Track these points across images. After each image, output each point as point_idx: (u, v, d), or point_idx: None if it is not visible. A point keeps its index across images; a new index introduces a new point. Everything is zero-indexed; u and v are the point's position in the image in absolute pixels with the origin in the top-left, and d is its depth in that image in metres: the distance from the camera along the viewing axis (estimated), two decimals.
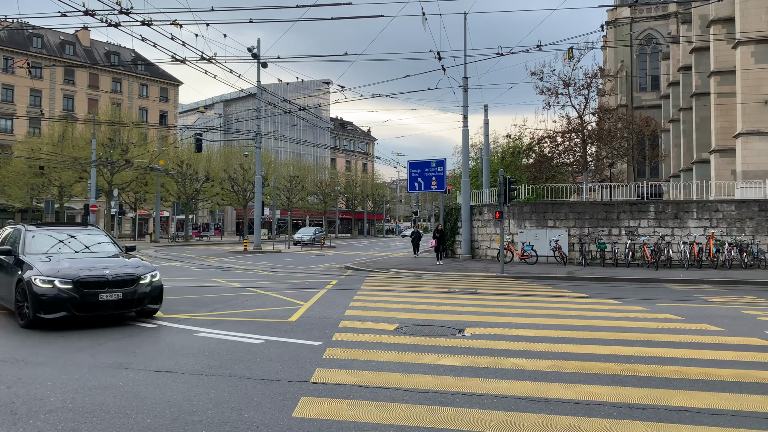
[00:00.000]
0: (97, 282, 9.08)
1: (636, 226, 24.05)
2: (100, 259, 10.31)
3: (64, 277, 8.94)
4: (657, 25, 62.68)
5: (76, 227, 12.67)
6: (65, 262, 9.60)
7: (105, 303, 9.11)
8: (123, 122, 53.03)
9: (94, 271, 9.28)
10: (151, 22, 16.98)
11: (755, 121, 31.06)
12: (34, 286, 8.83)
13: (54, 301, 8.81)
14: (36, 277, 8.92)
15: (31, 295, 8.82)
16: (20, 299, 9.18)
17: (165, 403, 5.40)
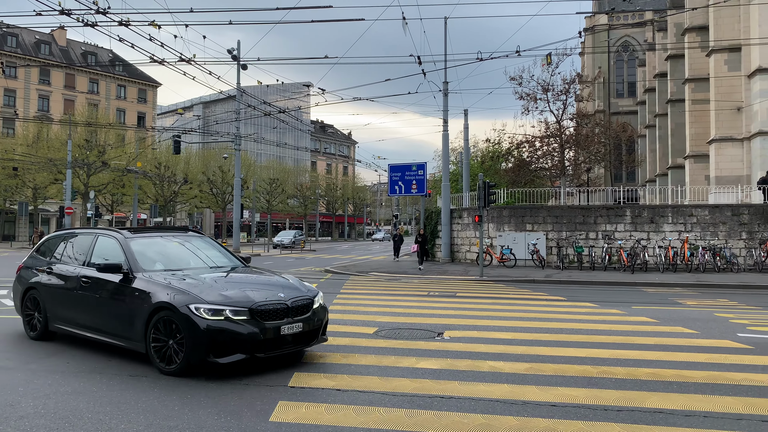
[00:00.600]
0: (276, 310, 6.70)
1: (613, 230, 24.37)
2: (250, 276, 7.82)
3: (236, 305, 6.50)
4: (634, 33, 63.72)
5: (174, 232, 9.33)
6: (219, 282, 7.16)
7: (285, 338, 6.72)
8: (100, 123, 52.29)
9: (268, 296, 6.85)
10: (129, 22, 16.80)
11: (728, 127, 31.72)
12: (198, 319, 6.32)
13: (230, 339, 6.34)
14: (200, 306, 6.40)
15: (194, 332, 6.32)
16: (161, 336, 6.57)
17: (140, 409, 5.33)
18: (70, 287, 7.90)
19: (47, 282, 8.30)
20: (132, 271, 7.24)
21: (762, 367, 7.00)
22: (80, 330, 7.71)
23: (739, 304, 13.29)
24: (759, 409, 5.36)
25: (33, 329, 8.47)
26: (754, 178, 28.29)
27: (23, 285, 8.77)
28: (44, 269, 8.50)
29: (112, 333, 7.25)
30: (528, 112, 35.05)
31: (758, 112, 29.59)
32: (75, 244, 8.58)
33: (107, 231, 8.37)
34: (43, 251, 9.00)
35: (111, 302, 7.34)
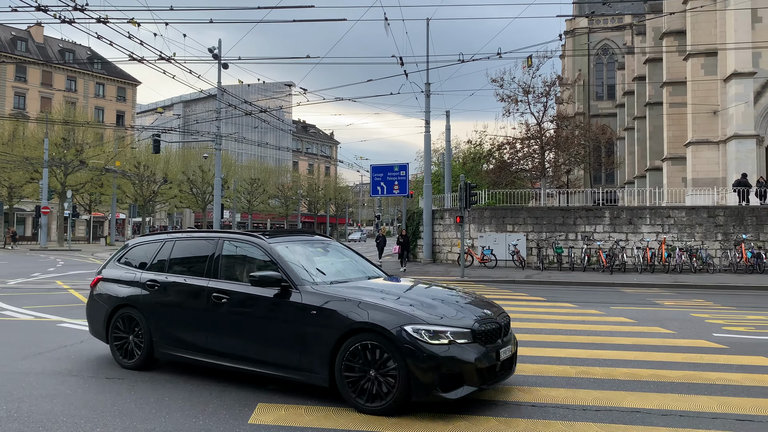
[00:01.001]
0: (493, 330, 5.59)
1: (592, 231, 24.62)
2: (433, 289, 6.47)
3: (457, 326, 5.32)
4: (613, 36, 64.51)
5: (302, 235, 7.60)
6: (410, 297, 5.85)
7: (503, 364, 5.60)
8: (77, 122, 51.51)
9: (476, 313, 5.69)
10: (108, 19, 16.56)
11: (704, 130, 32.25)
12: (421, 344, 5.05)
13: (458, 368, 5.10)
14: (419, 328, 5.14)
15: (415, 360, 5.02)
16: (357, 365, 5.25)
17: (116, 412, 5.26)
18: (195, 305, 6.35)
19: (154, 298, 6.70)
20: (294, 284, 5.82)
21: (736, 367, 7.11)
22: (210, 357, 6.19)
23: (715, 305, 13.51)
24: (733, 408, 5.44)
25: (128, 356, 6.80)
26: (730, 181, 28.81)
27: (109, 302, 7.07)
28: (144, 282, 6.85)
29: (266, 361, 5.79)
30: (509, 113, 35.32)
31: (734, 115, 30.13)
32: (187, 251, 6.97)
33: (237, 234, 6.80)
34: (132, 260, 7.34)
35: (265, 323, 5.86)
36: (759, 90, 30.22)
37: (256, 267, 6.27)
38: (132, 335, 6.81)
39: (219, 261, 6.50)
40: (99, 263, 27.85)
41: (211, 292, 6.26)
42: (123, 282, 7.10)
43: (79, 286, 16.78)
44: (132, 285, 6.97)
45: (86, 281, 18.37)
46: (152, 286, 6.78)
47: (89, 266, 25.53)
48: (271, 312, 5.85)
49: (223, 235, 6.79)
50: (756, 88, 30.12)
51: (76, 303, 12.86)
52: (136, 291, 6.88)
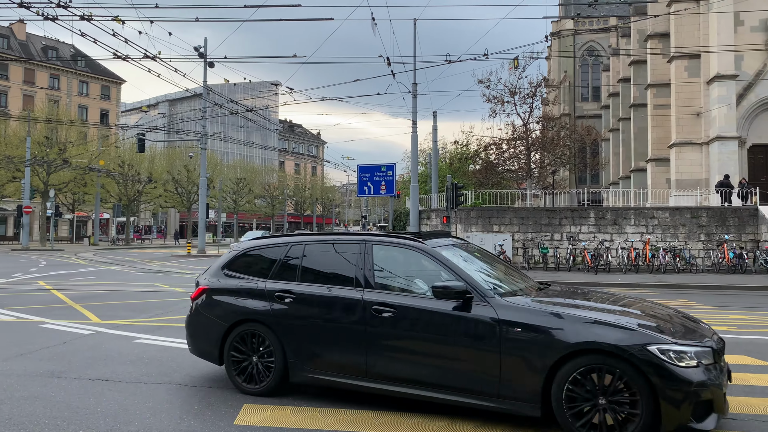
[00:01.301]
0: (722, 348, 4.94)
1: (577, 231, 24.80)
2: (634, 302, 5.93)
3: (699, 345, 4.62)
4: (599, 38, 65.03)
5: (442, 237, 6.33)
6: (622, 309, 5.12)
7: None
8: (61, 120, 50.91)
9: (706, 329, 5.14)
10: (92, 17, 16.39)
11: (688, 132, 32.62)
12: (672, 368, 4.35)
13: (709, 394, 4.44)
14: (666, 348, 4.43)
15: (667, 386, 4.31)
16: (580, 394, 4.52)
17: (99, 413, 5.20)
18: (348, 320, 5.43)
19: (288, 312, 5.71)
20: (481, 295, 5.01)
21: None
22: (369, 381, 5.31)
23: (698, 304, 13.66)
24: None
25: (252, 380, 5.79)
26: (712, 182, 29.16)
27: (225, 317, 6.00)
28: (274, 293, 5.83)
29: (449, 387, 4.98)
30: (495, 114, 35.52)
31: (716, 117, 30.51)
32: (324, 257, 6.01)
33: (388, 237, 5.88)
34: (247, 267, 6.28)
35: (447, 341, 5.01)
36: (741, 92, 30.62)
37: (420, 275, 5.53)
38: (256, 355, 5.79)
39: (371, 268, 5.58)
40: (82, 263, 27.56)
41: (369, 305, 5.35)
42: (241, 293, 6.02)
43: (62, 286, 16.58)
44: (255, 296, 5.93)
45: (69, 282, 18.15)
46: (283, 298, 5.78)
47: (72, 266, 25.25)
48: (454, 328, 4.99)
49: (370, 237, 5.87)
50: (738, 91, 30.52)
51: (58, 304, 12.71)
52: (263, 304, 5.86)
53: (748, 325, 10.60)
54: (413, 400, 5.23)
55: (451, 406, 5.19)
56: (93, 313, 11.12)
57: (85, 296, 14.10)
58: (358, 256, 5.68)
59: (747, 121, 30.99)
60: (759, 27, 30.68)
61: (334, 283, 5.69)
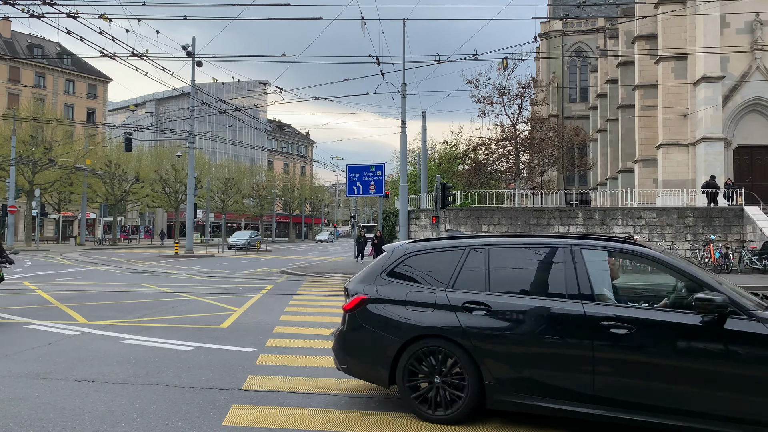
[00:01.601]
0: None
1: (565, 231, 24.93)
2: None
3: None
4: (587, 39, 65.39)
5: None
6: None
7: None
8: (46, 119, 50.37)
9: None
10: (78, 14, 16.22)
11: (675, 133, 32.88)
12: None
13: None
14: None
15: None
16: None
17: (86, 415, 5.13)
18: (565, 338, 4.74)
19: (482, 326, 4.96)
20: (744, 309, 4.39)
21: None
22: (599, 409, 4.58)
23: None
24: None
25: (437, 406, 5.03)
26: (699, 182, 29.42)
27: (399, 332, 5.21)
28: (461, 304, 5.09)
29: (718, 416, 4.30)
30: (484, 115, 35.62)
31: (703, 118, 30.78)
32: (518, 263, 5.33)
33: (597, 241, 5.27)
34: (417, 274, 5.50)
35: (707, 363, 4.39)
36: (727, 94, 30.91)
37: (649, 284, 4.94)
38: (438, 377, 5.03)
39: (585, 277, 4.89)
40: (68, 263, 27.28)
41: (595, 320, 4.65)
42: (415, 304, 5.26)
43: (48, 287, 16.40)
44: (434, 308, 5.17)
45: (55, 282, 17.95)
46: (472, 310, 5.06)
47: (58, 266, 24.99)
48: (714, 346, 4.40)
49: (575, 241, 5.15)
50: (724, 92, 30.80)
51: (44, 304, 12.57)
52: (447, 317, 5.10)
53: None
54: (398, 398, 5.21)
55: None
56: (79, 314, 11.01)
57: (72, 297, 13.95)
58: (564, 262, 5.00)
59: (733, 122, 31.30)
60: (744, 29, 31.00)
61: (537, 293, 5.02)
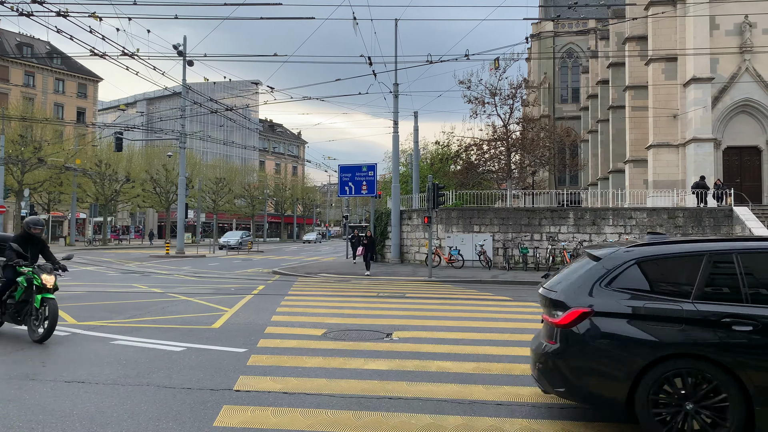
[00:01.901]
0: None
1: (556, 231, 25.01)
2: None
3: None
4: (578, 40, 65.67)
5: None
6: None
7: None
8: (36, 118, 49.97)
9: None
10: (68, 13, 16.11)
11: (665, 134, 33.08)
12: None
13: None
14: None
15: None
16: None
17: (75, 416, 5.10)
18: None
19: (748, 344, 4.42)
20: None
21: None
22: None
23: None
24: None
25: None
26: (689, 183, 29.62)
27: (639, 352, 4.59)
28: (719, 319, 4.51)
29: None
30: (476, 115, 35.74)
31: (693, 119, 30.99)
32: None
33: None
34: (646, 283, 4.83)
35: None
36: (716, 95, 31.14)
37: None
38: (691, 402, 4.42)
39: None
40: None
41: None
42: (656, 318, 4.65)
43: None
44: (682, 322, 4.56)
45: None
46: (733, 324, 4.47)
47: None
48: None
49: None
50: (714, 93, 31.03)
51: None
52: (701, 333, 4.52)
53: None
54: (394, 399, 5.21)
55: (435, 405, 5.18)
56: (69, 315, 10.93)
57: (61, 297, 13.81)
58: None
59: (722, 123, 31.54)
60: (734, 31, 31.25)
61: None
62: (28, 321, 8.37)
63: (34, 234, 8.90)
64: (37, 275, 8.38)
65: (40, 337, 8.16)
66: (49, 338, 8.18)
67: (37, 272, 8.43)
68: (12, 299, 8.65)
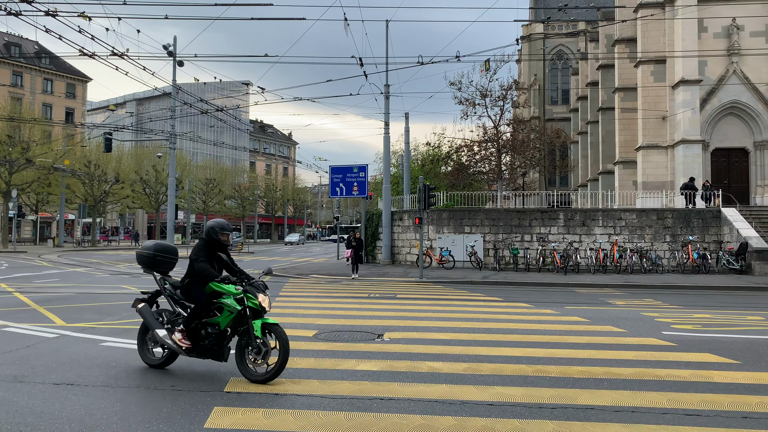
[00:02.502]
0: None
1: (547, 232, 25.12)
2: None
3: None
4: (568, 42, 66.00)
5: None
6: None
7: None
8: (24, 118, 49.52)
9: None
10: (57, 12, 15.99)
11: (654, 135, 33.30)
12: None
13: None
14: None
15: None
16: None
17: (65, 418, 5.06)
18: None
19: None
20: None
21: (684, 363, 7.35)
22: None
23: (664, 304, 13.96)
24: (682, 404, 5.62)
25: None
26: (677, 184, 29.83)
27: None
28: None
29: None
30: (467, 116, 35.77)
31: (681, 121, 31.22)
32: None
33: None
34: None
35: None
36: (705, 97, 31.39)
37: None
38: None
39: None
40: (46, 265, 26.85)
41: None
42: None
43: (25, 289, 16.13)
44: None
45: (33, 284, 17.69)
46: None
47: (36, 268, 24.58)
48: None
49: None
50: (702, 95, 31.28)
51: (21, 306, 12.36)
52: None
53: (712, 323, 10.87)
54: (386, 400, 5.21)
55: (426, 405, 5.19)
56: (58, 316, 10.84)
57: (50, 299, 13.74)
58: None
59: (710, 125, 31.79)
60: (721, 33, 31.52)
61: None
62: (243, 355, 6.35)
63: (222, 242, 6.91)
64: (252, 295, 6.43)
65: (267, 373, 6.18)
66: (280, 374, 6.22)
67: (251, 292, 6.47)
68: (212, 327, 6.54)
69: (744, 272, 21.98)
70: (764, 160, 31.55)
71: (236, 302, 6.37)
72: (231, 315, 6.39)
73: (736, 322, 11.14)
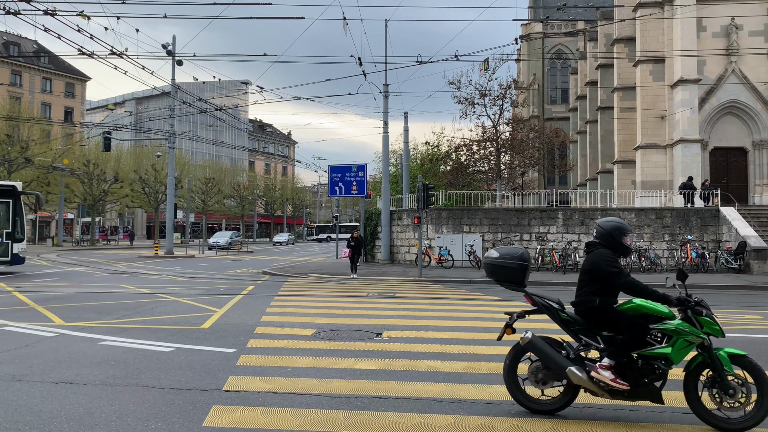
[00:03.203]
0: None
1: (546, 231, 25.14)
2: None
3: None
4: (567, 41, 66.02)
5: None
6: None
7: None
8: (23, 117, 49.50)
9: None
10: (56, 12, 15.99)
11: (653, 135, 33.34)
12: None
13: None
14: None
15: None
16: None
17: (63, 417, 5.07)
18: None
19: None
20: None
21: (682, 362, 7.35)
22: None
23: None
24: (680, 402, 5.61)
25: None
26: (676, 184, 29.87)
27: None
28: None
29: None
30: (466, 116, 35.79)
31: (680, 120, 31.25)
32: None
33: None
34: None
35: None
36: (703, 96, 31.42)
37: None
38: None
39: None
40: (45, 264, 26.86)
41: None
42: None
43: (24, 288, 16.13)
44: None
45: (31, 283, 17.70)
46: None
47: (34, 267, 24.58)
48: None
49: None
50: (701, 95, 31.31)
51: (20, 306, 12.36)
52: None
53: None
54: (384, 399, 5.22)
55: (424, 404, 5.20)
56: (56, 315, 10.85)
57: (49, 298, 13.74)
58: None
59: (709, 124, 31.83)
60: (720, 33, 31.55)
61: None
62: (721, 396, 4.92)
63: (628, 247, 5.44)
64: (710, 319, 5.12)
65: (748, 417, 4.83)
66: None
67: (709, 316, 5.14)
68: (656, 362, 5.07)
69: (742, 271, 22.01)
70: (763, 160, 31.61)
71: (694, 327, 5.01)
72: (689, 346, 5.01)
73: (734, 321, 11.16)
